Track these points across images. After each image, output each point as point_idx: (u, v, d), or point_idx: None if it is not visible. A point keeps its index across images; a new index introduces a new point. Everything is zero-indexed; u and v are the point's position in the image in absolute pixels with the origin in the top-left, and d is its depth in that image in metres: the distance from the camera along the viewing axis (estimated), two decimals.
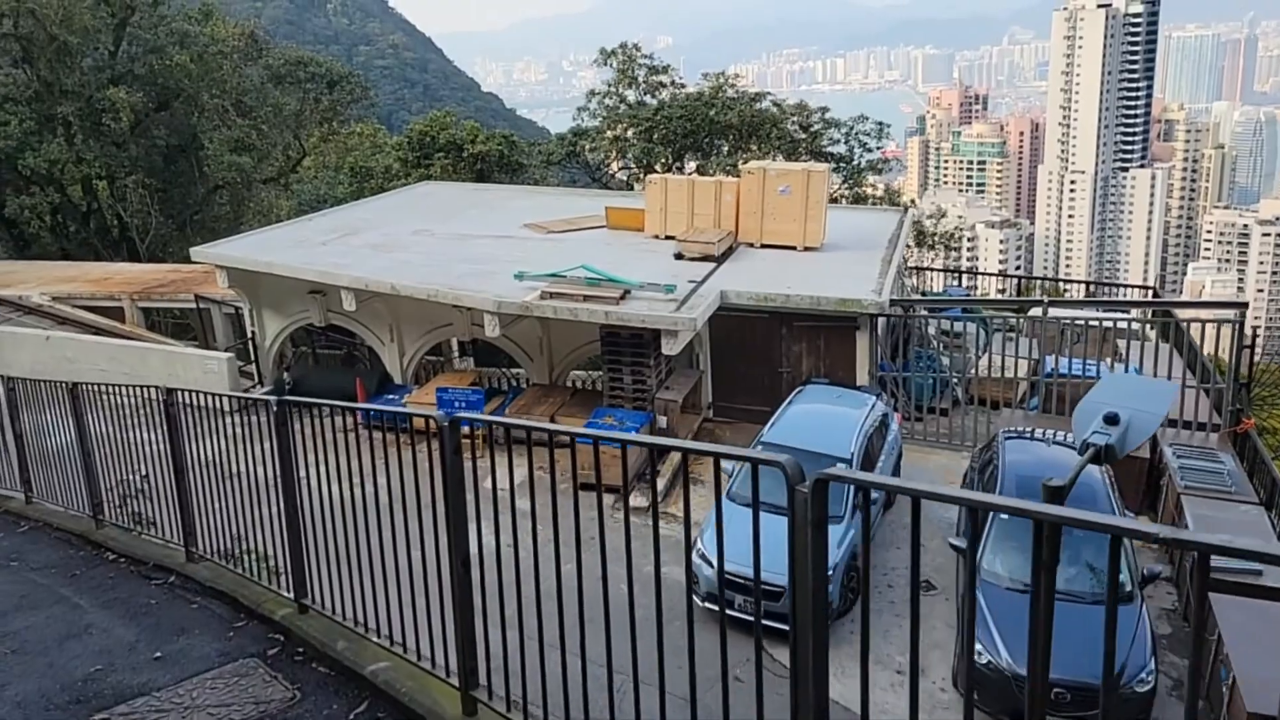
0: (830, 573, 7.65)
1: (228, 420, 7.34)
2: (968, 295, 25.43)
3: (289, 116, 36.62)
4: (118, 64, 33.64)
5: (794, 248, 17.08)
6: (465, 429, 4.93)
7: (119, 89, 31.74)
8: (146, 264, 30.39)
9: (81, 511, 9.15)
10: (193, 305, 26.51)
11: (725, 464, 7.16)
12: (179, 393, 7.60)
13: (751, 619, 3.70)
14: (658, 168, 29.25)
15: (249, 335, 19.34)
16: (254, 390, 18.99)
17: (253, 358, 19.30)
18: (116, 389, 8.95)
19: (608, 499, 10.99)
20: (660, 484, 12.97)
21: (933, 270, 29.88)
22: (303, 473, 6.38)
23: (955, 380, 15.80)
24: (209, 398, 7.36)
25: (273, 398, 6.26)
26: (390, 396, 16.74)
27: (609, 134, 31.06)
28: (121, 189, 33.02)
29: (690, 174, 27.67)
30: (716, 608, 6.47)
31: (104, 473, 8.86)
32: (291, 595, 6.56)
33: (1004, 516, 8.55)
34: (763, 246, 17.35)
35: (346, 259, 17.55)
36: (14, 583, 7.91)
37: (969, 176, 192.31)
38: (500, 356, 21.08)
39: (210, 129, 33.98)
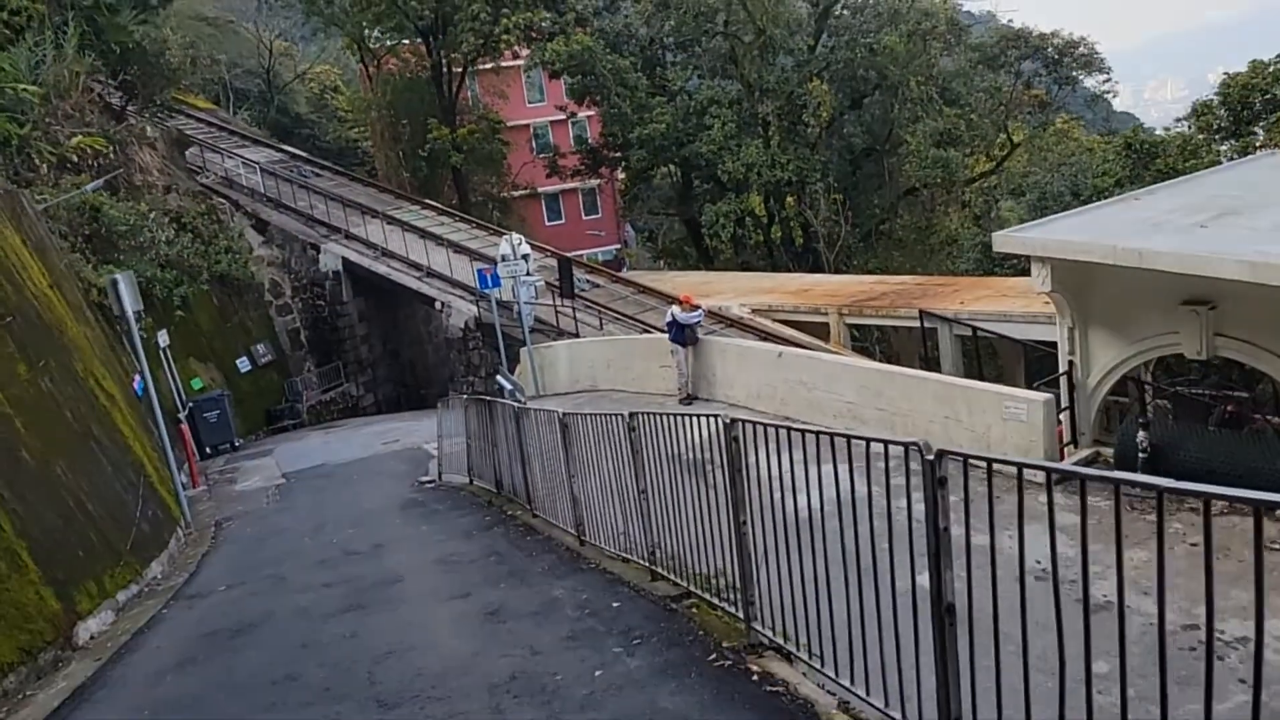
0: None
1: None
2: None
3: (996, 105, 30.15)
4: (814, 59, 30.38)
5: None
6: None
7: (819, 83, 28.29)
8: (849, 275, 26.13)
9: None
10: (912, 324, 21.18)
11: None
12: None
13: None
14: None
15: (1066, 367, 12.71)
16: (1071, 451, 12.39)
17: (1066, 402, 12.62)
18: None
19: None
20: None
21: None
22: None
23: None
24: None
25: None
26: None
27: None
28: (812, 195, 29.58)
29: None
30: None
31: None
32: None
33: None
34: None
35: (1257, 247, 9.90)
36: None
37: None
38: None
39: (910, 121, 28.93)
